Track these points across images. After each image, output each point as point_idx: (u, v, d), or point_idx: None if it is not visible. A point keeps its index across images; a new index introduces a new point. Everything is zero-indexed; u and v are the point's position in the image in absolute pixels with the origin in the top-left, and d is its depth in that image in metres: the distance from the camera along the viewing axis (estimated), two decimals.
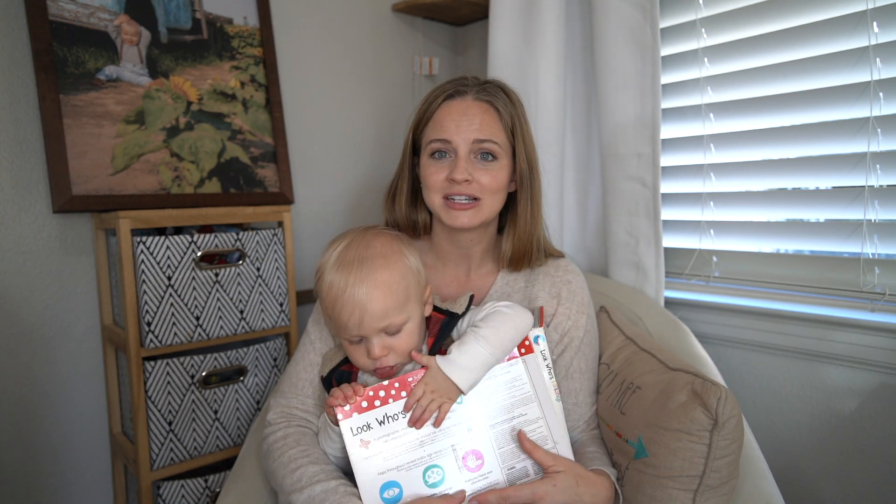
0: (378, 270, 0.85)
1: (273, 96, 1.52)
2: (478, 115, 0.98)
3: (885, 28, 1.14)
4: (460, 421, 0.85)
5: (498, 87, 1.03)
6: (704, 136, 1.41)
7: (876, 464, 1.17)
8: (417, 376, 0.85)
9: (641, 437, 0.91)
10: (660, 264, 1.39)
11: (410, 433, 0.83)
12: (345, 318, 0.84)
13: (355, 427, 0.82)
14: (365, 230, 0.93)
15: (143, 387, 1.22)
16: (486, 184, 0.98)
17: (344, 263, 0.86)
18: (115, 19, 1.30)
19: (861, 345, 1.16)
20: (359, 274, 0.84)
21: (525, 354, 0.90)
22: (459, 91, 1.01)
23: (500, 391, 0.88)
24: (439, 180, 0.98)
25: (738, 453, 0.86)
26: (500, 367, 0.88)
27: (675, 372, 0.93)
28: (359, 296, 0.83)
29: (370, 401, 0.83)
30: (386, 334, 0.86)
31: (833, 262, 1.26)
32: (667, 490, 0.86)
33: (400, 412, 0.84)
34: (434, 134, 1.00)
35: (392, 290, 0.85)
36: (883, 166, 1.17)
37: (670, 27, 1.44)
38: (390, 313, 0.85)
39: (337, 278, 0.85)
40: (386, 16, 1.83)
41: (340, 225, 1.75)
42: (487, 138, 0.97)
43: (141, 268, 1.19)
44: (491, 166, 0.99)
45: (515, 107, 1.02)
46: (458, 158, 0.97)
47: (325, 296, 0.87)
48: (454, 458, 0.84)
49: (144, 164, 1.31)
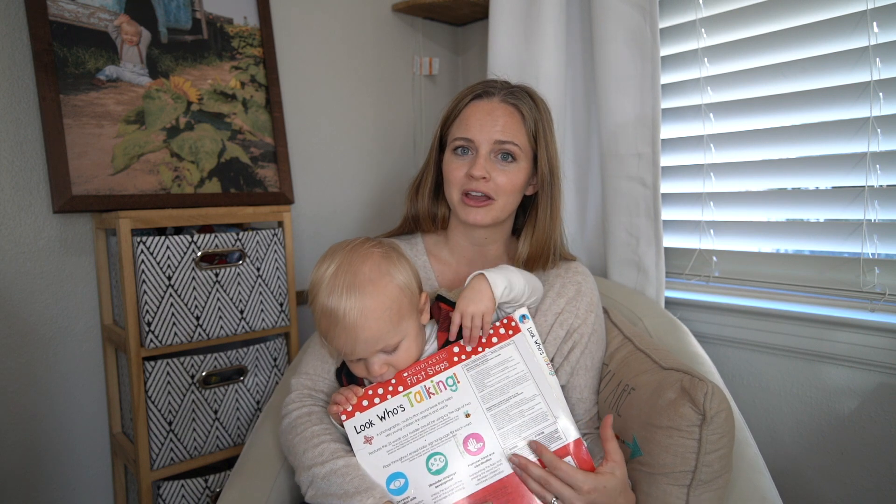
0: (367, 298, 0.84)
1: (273, 96, 1.52)
2: (502, 116, 1.02)
3: (884, 28, 1.14)
4: (457, 407, 0.88)
5: (525, 92, 1.06)
6: (704, 136, 1.41)
7: (876, 464, 1.17)
8: (415, 367, 0.90)
9: (636, 436, 0.92)
10: (660, 264, 1.39)
11: (411, 425, 0.87)
12: (340, 345, 0.86)
13: (358, 425, 0.87)
14: (352, 250, 0.89)
15: (143, 387, 1.22)
16: (501, 184, 1.01)
17: (334, 291, 0.85)
18: (116, 19, 1.30)
19: (861, 345, 1.16)
20: (349, 302, 0.83)
21: (514, 335, 0.92)
22: (487, 92, 1.05)
23: (492, 374, 0.90)
24: (459, 176, 1.03)
25: (728, 447, 0.87)
26: (490, 351, 0.91)
27: (667, 371, 0.94)
28: (350, 325, 0.83)
29: (370, 399, 0.88)
30: (383, 353, 0.88)
31: (833, 262, 1.26)
32: (661, 487, 0.88)
33: (399, 406, 0.87)
34: (458, 132, 1.04)
35: (384, 315, 0.85)
36: (883, 166, 1.17)
37: (670, 27, 1.44)
38: (384, 337, 0.86)
39: (328, 307, 0.85)
40: (386, 16, 1.83)
41: (340, 225, 1.75)
42: (508, 140, 1.01)
43: (141, 268, 1.19)
44: (509, 167, 1.02)
45: (541, 112, 1.05)
46: (478, 156, 1.01)
47: (319, 322, 0.88)
48: (455, 443, 0.86)
49: (144, 164, 1.31)
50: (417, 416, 0.87)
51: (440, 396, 0.88)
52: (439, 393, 0.88)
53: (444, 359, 0.90)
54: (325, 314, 0.85)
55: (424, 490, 0.84)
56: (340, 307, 0.83)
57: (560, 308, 1.04)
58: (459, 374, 0.89)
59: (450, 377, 0.89)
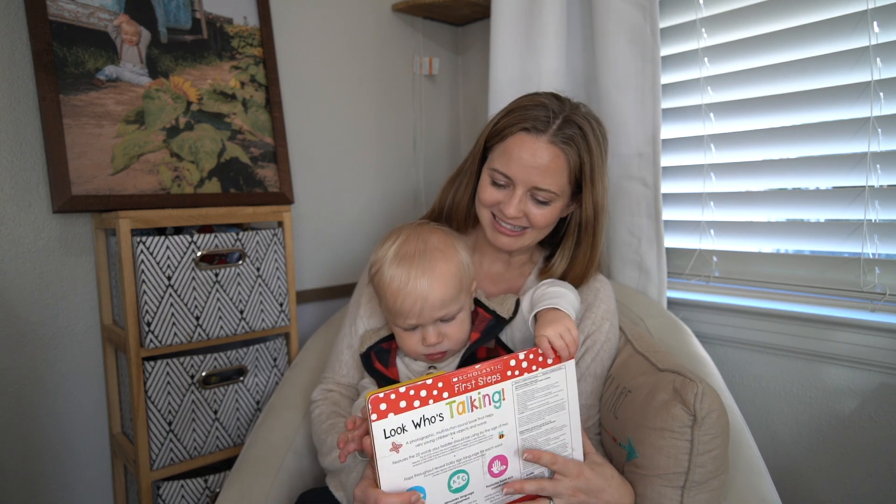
0: (437, 263, 0.91)
1: (273, 96, 1.52)
2: (545, 161, 0.96)
3: (885, 28, 1.14)
4: (494, 426, 0.82)
5: (578, 126, 0.98)
6: (704, 136, 1.41)
7: (876, 464, 1.17)
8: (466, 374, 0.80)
9: (631, 438, 0.92)
10: (662, 264, 1.39)
11: (445, 437, 0.79)
12: (406, 308, 0.90)
13: (388, 429, 0.76)
14: (418, 226, 0.99)
15: (143, 387, 1.22)
16: (535, 220, 1.01)
17: (404, 257, 0.92)
18: (115, 19, 1.30)
19: (861, 345, 1.16)
20: (420, 267, 0.90)
21: (567, 361, 0.86)
22: (537, 128, 0.97)
23: (536, 396, 0.84)
24: (492, 201, 1.02)
25: (722, 448, 0.86)
26: (542, 373, 0.84)
27: (663, 373, 0.94)
28: (420, 287, 0.90)
29: (409, 400, 0.77)
30: (441, 322, 0.93)
31: (833, 262, 1.26)
32: (655, 488, 0.87)
33: (438, 414, 0.78)
34: (499, 164, 1.00)
35: (450, 281, 0.92)
36: (883, 166, 1.17)
37: (670, 27, 1.44)
38: (448, 303, 0.91)
39: (398, 272, 0.91)
40: (386, 16, 1.83)
41: (340, 225, 1.75)
42: (546, 188, 0.98)
43: (141, 268, 1.19)
44: (544, 207, 1.00)
45: (591, 151, 0.99)
46: (513, 196, 0.99)
47: (387, 288, 0.92)
48: (481, 463, 0.81)
49: (144, 164, 1.31)
50: (454, 430, 0.79)
51: (482, 411, 0.81)
52: (483, 408, 0.81)
53: (497, 370, 0.81)
54: (393, 280, 0.91)
55: None
56: (412, 270, 0.90)
57: (579, 314, 1.05)
58: (507, 391, 0.82)
59: (497, 392, 0.82)
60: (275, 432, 1.17)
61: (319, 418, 1.06)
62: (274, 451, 1.13)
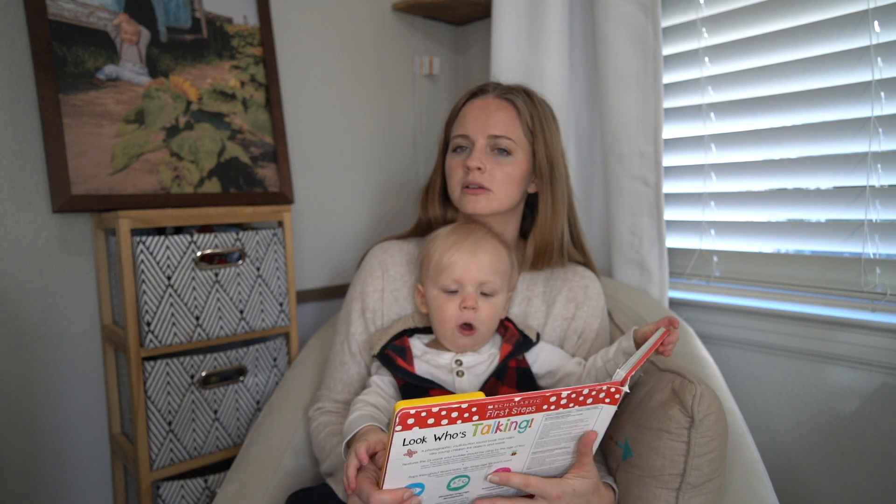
0: (491, 241, 0.99)
1: (273, 96, 1.52)
2: (496, 111, 1.05)
3: (886, 27, 1.14)
4: (511, 446, 0.80)
5: (521, 89, 1.09)
6: (705, 136, 1.40)
7: (877, 464, 1.16)
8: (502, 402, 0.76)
9: (628, 437, 0.91)
10: (663, 264, 1.39)
11: (461, 450, 0.78)
12: (457, 261, 0.95)
13: (409, 438, 0.75)
14: (467, 222, 1.06)
15: (143, 387, 1.22)
16: (498, 175, 1.04)
17: (462, 229, 1.00)
18: (115, 18, 1.29)
19: (862, 345, 1.16)
20: (476, 238, 0.98)
21: (608, 404, 0.83)
22: (483, 90, 1.09)
23: (562, 427, 0.82)
24: (459, 173, 1.06)
25: (719, 451, 0.86)
26: (576, 410, 0.81)
27: (663, 373, 0.94)
28: (475, 249, 0.96)
29: (438, 419, 0.74)
30: (482, 293, 0.96)
31: (834, 262, 1.25)
32: (650, 489, 0.87)
33: (461, 432, 0.76)
34: (456, 130, 1.09)
35: (500, 258, 0.98)
36: (884, 166, 1.17)
37: (671, 27, 1.43)
38: (493, 273, 0.96)
39: (455, 237, 0.98)
40: (386, 15, 1.83)
41: (340, 225, 1.75)
42: (502, 134, 1.04)
43: (141, 268, 1.19)
44: (504, 160, 1.05)
45: (536, 107, 1.07)
46: (474, 149, 1.05)
47: (442, 243, 0.98)
48: (485, 472, 0.81)
49: (144, 163, 1.31)
50: (472, 445, 0.78)
51: (505, 434, 0.79)
52: (507, 431, 0.79)
53: (535, 402, 0.78)
54: (449, 237, 0.98)
55: (434, 500, 0.81)
56: (468, 238, 0.97)
57: (571, 314, 1.07)
58: (536, 421, 0.80)
59: (526, 421, 0.79)
60: (274, 432, 1.17)
61: (318, 429, 1.08)
62: (273, 451, 1.13)
